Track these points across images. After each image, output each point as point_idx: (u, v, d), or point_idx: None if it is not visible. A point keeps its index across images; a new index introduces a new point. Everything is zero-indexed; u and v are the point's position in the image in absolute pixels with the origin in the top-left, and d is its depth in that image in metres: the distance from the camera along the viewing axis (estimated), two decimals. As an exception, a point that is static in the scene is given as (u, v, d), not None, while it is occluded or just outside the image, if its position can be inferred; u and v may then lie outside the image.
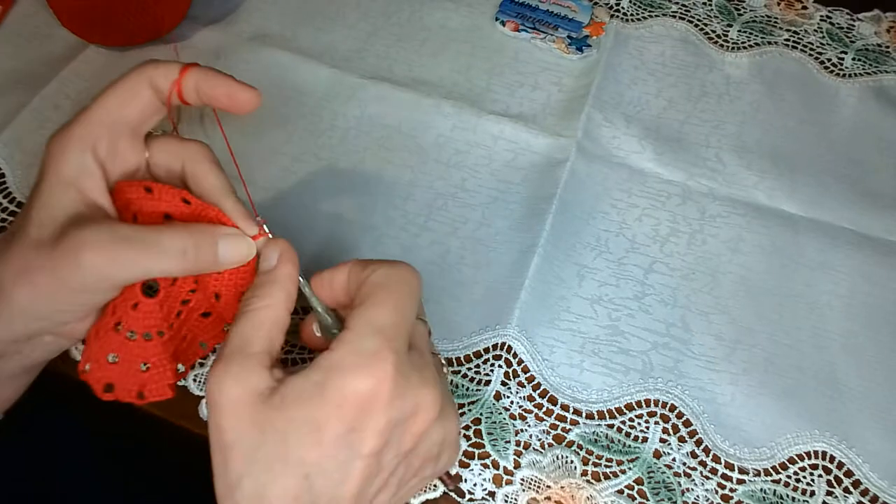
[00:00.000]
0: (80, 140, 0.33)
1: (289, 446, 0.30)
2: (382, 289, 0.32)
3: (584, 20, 0.60)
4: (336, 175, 0.52)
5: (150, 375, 0.35)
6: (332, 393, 0.30)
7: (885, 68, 0.59)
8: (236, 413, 0.30)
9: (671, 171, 0.53)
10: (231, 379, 0.30)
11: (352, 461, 0.30)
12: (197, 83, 0.35)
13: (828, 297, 0.47)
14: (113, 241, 0.31)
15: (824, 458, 0.42)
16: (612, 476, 0.41)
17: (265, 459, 0.30)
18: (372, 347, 0.30)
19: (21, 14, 0.60)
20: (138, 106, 0.35)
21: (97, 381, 0.35)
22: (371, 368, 0.30)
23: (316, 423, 0.30)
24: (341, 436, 0.30)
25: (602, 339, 0.45)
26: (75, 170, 0.33)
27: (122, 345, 0.35)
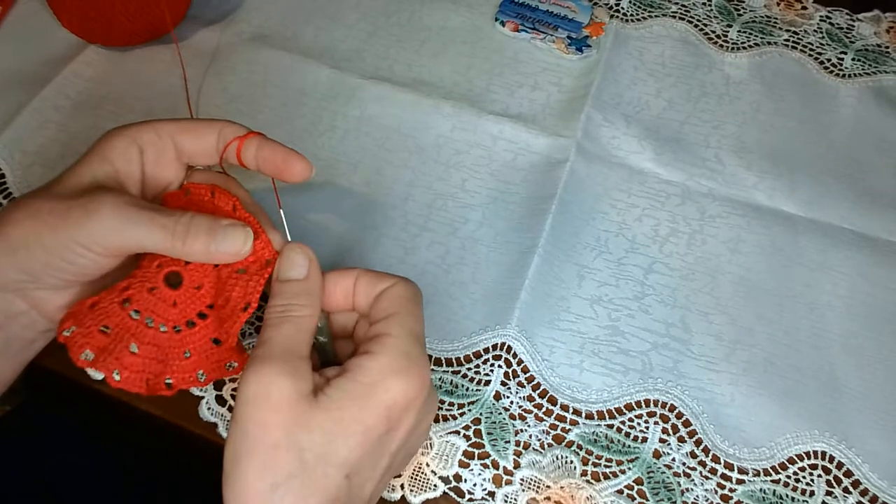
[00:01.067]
0: (132, 137, 0.36)
1: (334, 447, 0.30)
2: (411, 302, 0.35)
3: (583, 20, 0.60)
4: (336, 175, 0.52)
5: (134, 361, 0.35)
6: (382, 394, 0.31)
7: (885, 68, 0.59)
8: (286, 412, 0.30)
9: (671, 172, 0.53)
10: (285, 378, 0.30)
11: (380, 459, 0.32)
12: (258, 147, 0.37)
13: (827, 297, 0.47)
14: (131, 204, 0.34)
15: (824, 458, 0.42)
16: (612, 476, 0.41)
17: (311, 460, 0.30)
18: (415, 354, 0.33)
19: (21, 14, 0.60)
20: (197, 142, 0.37)
21: (78, 345, 0.35)
22: (417, 372, 0.32)
23: (364, 424, 0.31)
24: (381, 436, 0.31)
25: (602, 340, 0.45)
26: (118, 153, 0.36)
27: (121, 320, 0.35)
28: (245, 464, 0.30)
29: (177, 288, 0.36)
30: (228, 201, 0.37)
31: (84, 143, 0.52)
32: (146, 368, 0.35)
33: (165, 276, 0.36)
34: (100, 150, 0.36)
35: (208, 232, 0.34)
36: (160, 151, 0.37)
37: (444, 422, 0.42)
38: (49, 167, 0.51)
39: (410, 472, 0.40)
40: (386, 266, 0.47)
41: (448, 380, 0.43)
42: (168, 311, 0.36)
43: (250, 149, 0.37)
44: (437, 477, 0.40)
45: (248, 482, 0.30)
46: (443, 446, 0.41)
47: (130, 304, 0.35)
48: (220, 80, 0.56)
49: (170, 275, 0.36)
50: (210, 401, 0.42)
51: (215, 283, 0.36)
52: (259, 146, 0.37)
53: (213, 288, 0.36)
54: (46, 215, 0.33)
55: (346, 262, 0.47)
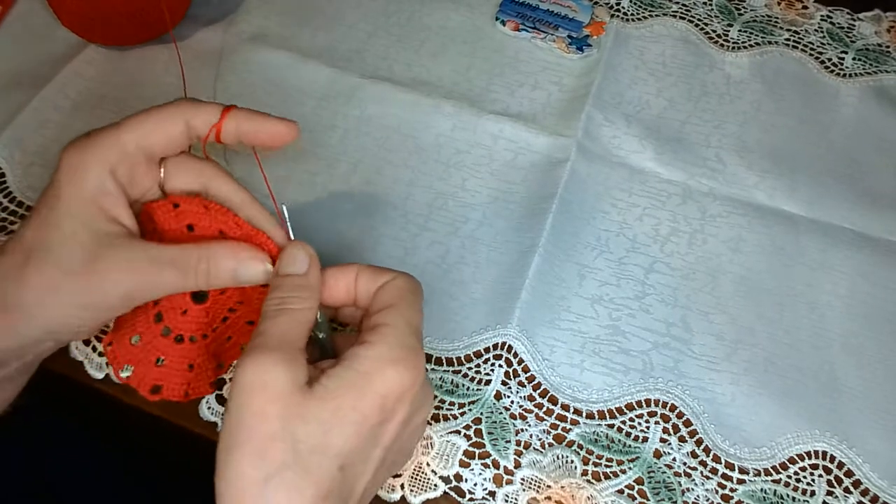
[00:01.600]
0: (100, 161, 0.34)
1: (331, 437, 0.30)
2: (411, 293, 0.35)
3: (584, 20, 0.60)
4: (336, 175, 0.52)
5: (195, 375, 0.37)
6: (378, 383, 0.31)
7: (886, 68, 0.59)
8: (282, 401, 0.30)
9: (672, 171, 0.53)
10: (281, 367, 0.30)
11: (373, 452, 0.32)
12: (238, 125, 0.36)
13: (828, 296, 0.47)
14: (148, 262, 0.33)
15: (824, 458, 0.42)
16: (613, 476, 0.41)
17: (306, 451, 0.30)
18: (412, 344, 0.33)
19: (21, 14, 0.60)
20: (165, 140, 0.35)
21: (144, 383, 0.36)
22: (413, 362, 0.32)
23: (360, 413, 0.31)
24: (375, 426, 0.31)
25: (602, 339, 0.45)
26: (96, 189, 0.33)
27: (169, 348, 0.36)
28: (239, 453, 0.30)
29: (204, 301, 0.37)
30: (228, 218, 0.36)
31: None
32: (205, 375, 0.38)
33: (192, 296, 0.37)
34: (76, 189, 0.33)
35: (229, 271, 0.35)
36: (132, 165, 0.35)
37: (444, 421, 0.42)
38: (49, 167, 0.51)
39: (411, 471, 0.40)
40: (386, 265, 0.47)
41: (448, 379, 0.43)
42: (202, 322, 0.37)
43: (230, 128, 0.36)
44: (438, 477, 0.40)
45: (241, 472, 0.29)
46: (443, 446, 0.41)
47: (172, 332, 0.37)
48: (220, 79, 0.56)
49: (194, 294, 0.37)
50: (210, 400, 0.42)
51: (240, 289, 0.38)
52: (238, 122, 0.36)
53: (237, 290, 0.37)
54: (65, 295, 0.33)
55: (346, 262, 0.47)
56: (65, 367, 0.43)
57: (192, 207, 0.36)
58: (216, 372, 0.38)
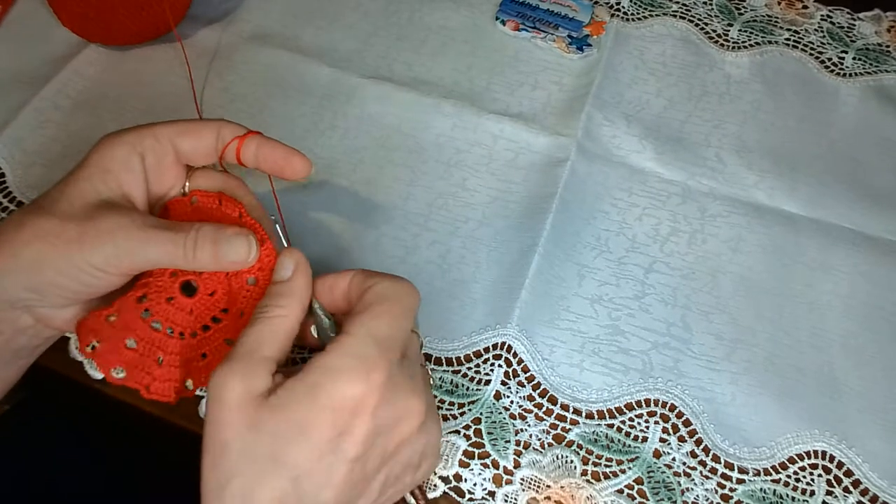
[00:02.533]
0: (132, 144, 0.36)
1: (280, 448, 0.30)
2: (385, 300, 0.33)
3: (584, 19, 0.60)
4: (336, 174, 0.52)
5: (162, 372, 0.36)
6: (325, 396, 0.30)
7: (886, 68, 0.59)
8: (236, 412, 0.30)
9: (671, 171, 0.53)
10: (237, 378, 0.31)
11: (337, 465, 0.31)
12: (258, 146, 0.37)
13: (828, 296, 0.47)
14: (143, 225, 0.34)
15: (824, 458, 0.42)
16: (612, 476, 0.41)
17: (256, 460, 0.30)
18: (368, 354, 0.31)
19: (21, 13, 0.60)
20: (196, 144, 0.37)
21: (107, 361, 0.35)
22: (365, 374, 0.31)
23: (307, 425, 0.30)
24: (330, 439, 0.30)
25: (602, 339, 0.45)
26: (119, 163, 0.35)
27: (146, 332, 0.36)
28: (203, 460, 0.31)
29: (192, 296, 0.37)
30: (235, 209, 0.38)
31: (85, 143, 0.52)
32: (172, 377, 0.36)
33: (181, 285, 0.37)
34: (100, 161, 0.35)
35: (213, 242, 0.35)
36: (160, 156, 0.37)
37: (444, 421, 0.42)
38: (49, 167, 0.51)
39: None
40: (386, 266, 0.47)
41: (448, 379, 0.43)
42: (185, 318, 0.36)
43: (250, 148, 0.37)
44: (438, 476, 0.40)
45: (204, 479, 0.31)
46: (443, 446, 0.41)
47: (151, 316, 0.36)
48: (221, 79, 0.56)
49: (185, 283, 0.37)
50: (210, 400, 0.42)
51: (227, 291, 0.37)
52: (259, 145, 0.37)
53: (227, 294, 0.37)
54: (56, 238, 0.33)
55: (346, 262, 0.47)
56: (65, 367, 0.43)
57: (208, 201, 0.38)
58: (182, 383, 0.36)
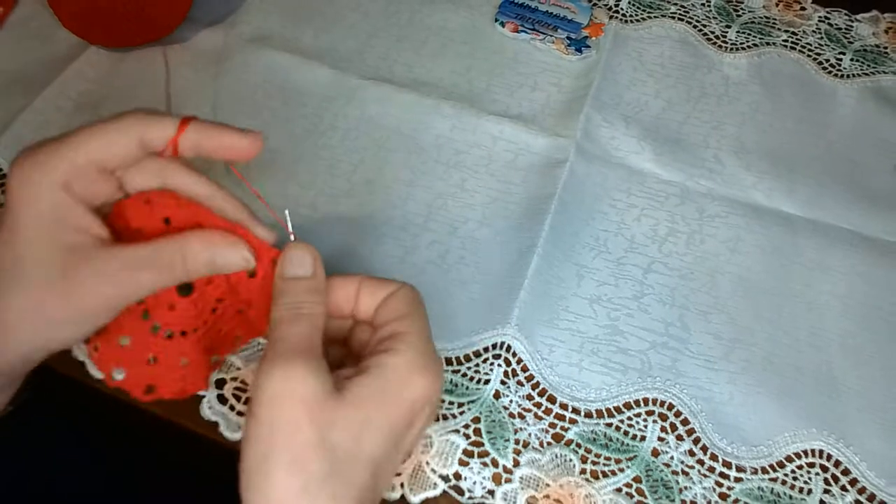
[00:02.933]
0: (50, 178, 0.32)
1: (363, 444, 0.30)
2: (420, 306, 0.35)
3: (583, 21, 0.60)
4: (336, 175, 0.52)
5: (189, 370, 0.36)
6: (408, 391, 0.32)
7: (884, 69, 0.59)
8: (317, 410, 0.30)
9: (670, 172, 0.53)
10: (311, 375, 0.30)
11: (396, 456, 0.32)
12: (196, 139, 0.34)
13: (826, 296, 0.48)
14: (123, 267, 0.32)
15: (822, 457, 0.42)
16: (611, 474, 0.41)
17: (343, 458, 0.30)
18: (431, 352, 0.33)
19: (22, 15, 0.60)
20: (119, 154, 0.33)
21: (137, 385, 0.36)
22: (435, 369, 0.33)
23: (390, 421, 0.31)
24: (401, 431, 0.32)
25: (601, 339, 0.45)
26: (52, 206, 0.32)
27: (160, 345, 0.36)
28: (275, 463, 0.29)
29: (190, 293, 0.36)
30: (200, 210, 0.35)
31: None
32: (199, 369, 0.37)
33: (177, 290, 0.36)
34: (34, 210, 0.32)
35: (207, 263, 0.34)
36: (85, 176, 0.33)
37: (443, 420, 0.42)
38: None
39: (410, 470, 0.40)
40: (386, 266, 0.48)
41: (448, 379, 0.43)
42: (191, 316, 0.36)
43: (186, 145, 0.34)
44: (437, 475, 0.40)
45: (278, 482, 0.29)
46: (442, 445, 0.41)
47: (161, 328, 0.36)
48: (221, 81, 0.56)
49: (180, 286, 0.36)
50: (211, 399, 0.42)
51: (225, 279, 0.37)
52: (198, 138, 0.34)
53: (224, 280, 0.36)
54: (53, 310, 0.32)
55: (347, 262, 0.48)
56: (65, 367, 0.43)
57: (164, 201, 0.35)
58: (212, 366, 0.38)
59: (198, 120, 0.34)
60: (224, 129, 0.35)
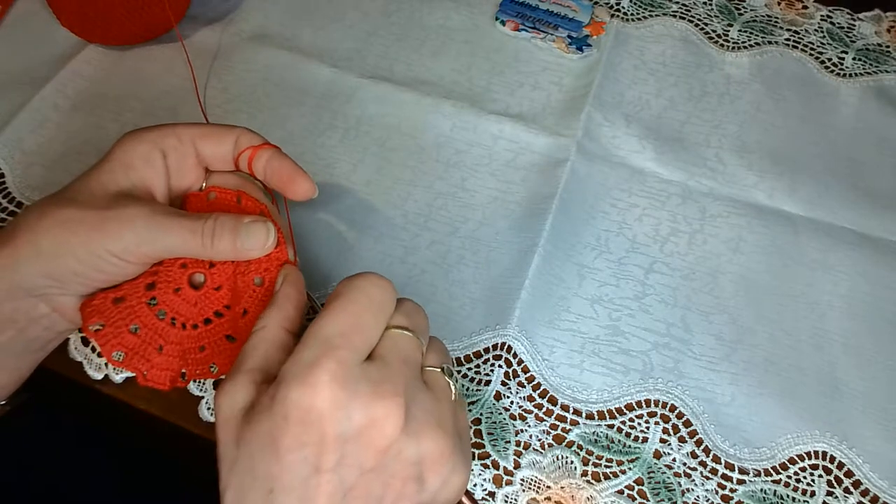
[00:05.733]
0: (154, 142, 0.37)
1: (255, 461, 0.29)
2: (336, 298, 0.32)
3: (584, 20, 0.60)
4: (336, 175, 0.52)
5: (161, 360, 0.37)
6: (278, 406, 0.29)
7: (886, 68, 0.59)
8: (224, 427, 0.31)
9: (671, 171, 0.53)
10: (223, 395, 0.31)
11: (311, 477, 0.29)
12: (269, 159, 0.39)
13: (828, 297, 0.47)
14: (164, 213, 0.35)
15: (825, 459, 0.42)
16: (613, 476, 0.41)
17: (239, 473, 0.30)
18: (311, 358, 0.29)
19: (21, 14, 0.60)
20: (216, 148, 0.39)
21: (109, 344, 0.36)
22: (307, 379, 0.29)
23: (271, 437, 0.29)
24: (294, 449, 0.29)
25: (602, 340, 0.45)
26: (142, 159, 0.36)
27: (150, 321, 0.36)
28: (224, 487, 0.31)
29: (198, 289, 0.37)
30: (256, 207, 0.38)
31: (84, 143, 0.52)
32: (169, 366, 0.37)
33: (189, 277, 0.37)
34: (122, 156, 0.36)
35: (232, 230, 0.36)
36: (182, 156, 0.38)
37: (444, 422, 0.42)
38: (49, 167, 0.51)
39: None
40: (386, 266, 0.47)
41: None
42: (189, 310, 0.37)
43: (261, 159, 0.39)
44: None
45: None
46: (443, 446, 0.41)
47: (157, 305, 0.37)
48: (220, 79, 0.56)
49: (192, 276, 0.37)
50: (210, 401, 0.42)
51: (233, 287, 0.38)
52: (270, 158, 0.39)
53: (231, 290, 0.37)
54: (77, 225, 0.34)
55: (346, 262, 0.47)
56: (64, 367, 0.43)
57: (227, 198, 0.38)
58: (177, 373, 0.37)
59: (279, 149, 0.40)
60: (296, 166, 0.39)
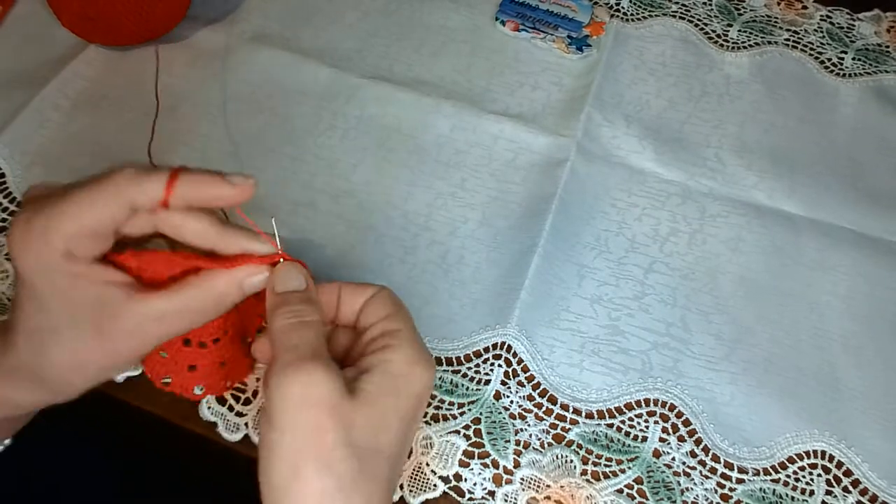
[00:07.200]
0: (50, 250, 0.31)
1: (381, 440, 0.32)
2: (402, 304, 0.36)
3: (584, 20, 0.60)
4: (336, 175, 0.52)
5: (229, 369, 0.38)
6: (413, 384, 0.33)
7: (885, 68, 0.59)
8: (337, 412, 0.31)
9: (671, 171, 0.53)
10: (328, 379, 0.31)
11: (408, 446, 0.34)
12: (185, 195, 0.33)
13: (827, 296, 0.47)
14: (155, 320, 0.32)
15: (823, 458, 0.42)
16: (612, 475, 0.41)
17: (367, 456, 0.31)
18: (423, 345, 0.35)
19: (21, 14, 0.60)
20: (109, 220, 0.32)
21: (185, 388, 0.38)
22: (430, 362, 0.34)
23: (401, 413, 0.33)
24: (411, 422, 0.34)
25: (602, 339, 0.45)
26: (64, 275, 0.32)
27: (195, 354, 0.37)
28: (305, 468, 0.30)
29: None
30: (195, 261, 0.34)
31: (84, 143, 0.52)
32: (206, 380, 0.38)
33: None
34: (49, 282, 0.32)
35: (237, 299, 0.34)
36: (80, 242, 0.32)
37: (444, 421, 0.42)
38: (49, 167, 0.51)
39: (410, 472, 0.40)
40: (386, 266, 0.47)
41: (448, 379, 0.43)
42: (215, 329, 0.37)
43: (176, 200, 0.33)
44: (437, 476, 0.40)
45: (312, 486, 0.30)
46: (443, 446, 0.41)
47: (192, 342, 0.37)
48: (221, 79, 0.56)
49: None
50: (210, 400, 0.42)
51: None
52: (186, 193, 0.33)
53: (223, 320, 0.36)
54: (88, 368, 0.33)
55: (346, 263, 0.47)
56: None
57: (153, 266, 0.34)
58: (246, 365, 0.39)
59: (186, 171, 0.33)
60: (212, 180, 0.33)
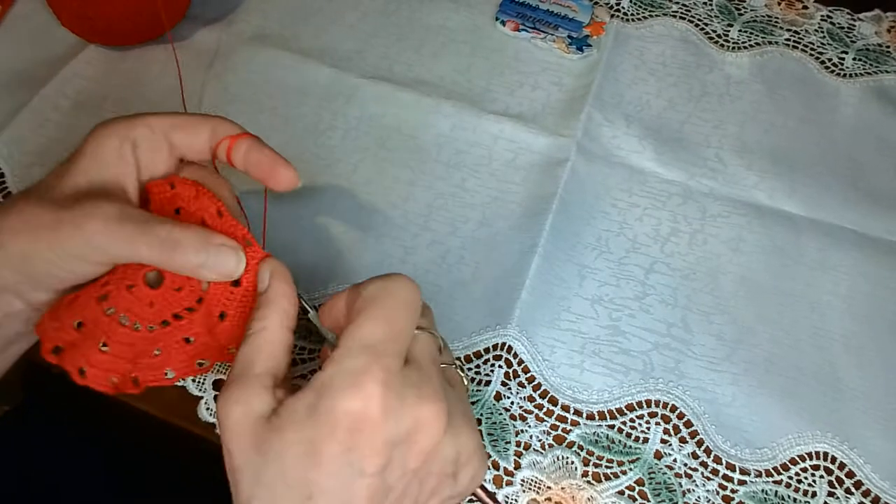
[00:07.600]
0: (125, 135, 0.35)
1: (287, 468, 0.29)
2: (372, 303, 0.31)
3: (584, 20, 0.60)
4: (336, 175, 0.52)
5: (103, 359, 0.34)
6: (323, 415, 0.29)
7: (886, 68, 0.58)
8: (240, 436, 0.30)
9: (672, 171, 0.53)
10: (233, 402, 0.30)
11: (355, 480, 0.29)
12: (248, 149, 0.36)
13: (828, 296, 0.47)
14: (119, 218, 0.33)
15: (826, 459, 0.41)
16: (613, 477, 0.41)
17: (268, 482, 0.29)
18: (359, 366, 0.29)
19: (21, 14, 0.60)
20: (190, 139, 0.37)
21: (49, 340, 0.34)
22: (359, 388, 0.29)
23: (311, 445, 0.29)
24: (339, 455, 0.29)
25: (603, 340, 0.45)
26: (110, 152, 0.35)
27: (95, 317, 0.34)
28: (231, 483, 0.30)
29: (156, 287, 0.34)
30: (212, 204, 0.36)
31: (83, 143, 0.52)
32: (113, 367, 0.34)
33: (145, 274, 0.34)
34: (92, 151, 0.35)
35: (196, 251, 0.33)
36: (154, 147, 0.36)
37: (444, 422, 0.42)
38: (49, 167, 0.50)
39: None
40: (386, 266, 0.47)
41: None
42: (144, 310, 0.34)
43: (240, 150, 0.36)
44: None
45: None
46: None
47: (107, 301, 0.34)
48: (220, 80, 0.56)
49: (150, 273, 0.34)
50: (209, 401, 0.42)
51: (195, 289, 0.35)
52: (249, 148, 0.36)
53: (194, 292, 0.35)
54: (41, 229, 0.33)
55: (346, 263, 0.47)
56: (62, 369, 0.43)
57: (185, 190, 0.36)
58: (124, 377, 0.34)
59: (256, 137, 0.37)
60: (274, 153, 0.37)
